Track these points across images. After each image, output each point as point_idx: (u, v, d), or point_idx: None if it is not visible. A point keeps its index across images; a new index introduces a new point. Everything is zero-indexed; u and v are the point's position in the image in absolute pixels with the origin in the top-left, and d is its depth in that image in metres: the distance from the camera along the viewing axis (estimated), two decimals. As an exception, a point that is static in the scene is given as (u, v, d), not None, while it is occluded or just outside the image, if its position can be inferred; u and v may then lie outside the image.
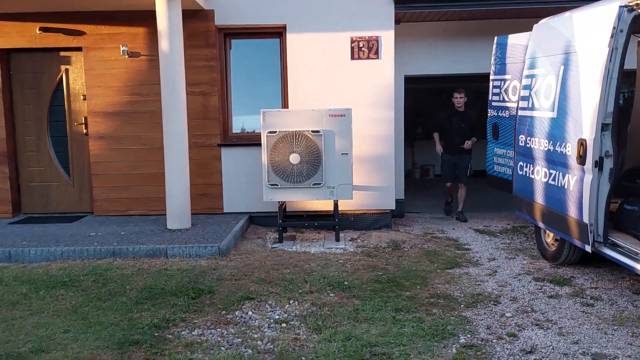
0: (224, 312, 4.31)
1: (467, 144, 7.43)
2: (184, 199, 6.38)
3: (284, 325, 4.03)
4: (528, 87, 5.52)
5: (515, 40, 6.51)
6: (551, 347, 3.55)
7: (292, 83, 6.98)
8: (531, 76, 5.51)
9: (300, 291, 4.69)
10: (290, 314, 4.25)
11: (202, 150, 7.07)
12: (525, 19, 7.09)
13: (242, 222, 6.66)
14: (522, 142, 5.59)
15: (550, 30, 5.30)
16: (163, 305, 4.43)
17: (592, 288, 4.61)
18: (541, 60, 5.35)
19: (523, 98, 5.60)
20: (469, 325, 3.93)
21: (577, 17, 4.81)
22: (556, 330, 3.81)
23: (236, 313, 4.28)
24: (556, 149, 4.85)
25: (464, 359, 3.40)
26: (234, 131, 7.33)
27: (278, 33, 7.11)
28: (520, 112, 5.68)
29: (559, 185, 4.79)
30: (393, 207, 7.11)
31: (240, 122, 7.40)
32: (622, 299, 4.33)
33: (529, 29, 6.01)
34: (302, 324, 4.04)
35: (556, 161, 4.86)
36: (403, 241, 6.27)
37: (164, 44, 6.19)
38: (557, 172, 4.84)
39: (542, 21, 5.53)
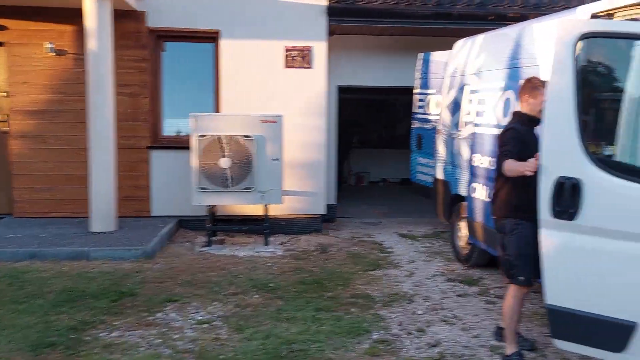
0: (145, 314, 4.30)
1: None
2: (109, 201, 6.27)
3: (205, 325, 4.09)
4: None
5: (438, 57, 6.92)
6: (454, 341, 3.83)
7: (225, 88, 7.04)
8: (476, 91, 5.30)
9: (224, 293, 4.76)
10: (213, 314, 4.30)
11: (131, 152, 6.96)
12: (449, 37, 7.51)
13: (170, 226, 6.62)
14: (473, 161, 5.28)
15: (507, 40, 4.97)
16: (82, 307, 4.36)
17: (497, 287, 4.98)
18: (495, 74, 5.11)
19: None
20: (383, 322, 4.14)
21: (539, 27, 4.49)
22: (461, 325, 4.11)
23: (158, 315, 4.28)
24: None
25: (374, 353, 3.60)
26: (164, 134, 7.28)
27: (212, 38, 7.15)
28: (475, 129, 5.31)
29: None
30: (323, 212, 7.30)
31: (171, 125, 7.36)
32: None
33: (449, 47, 6.40)
34: (224, 324, 4.11)
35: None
36: (331, 245, 6.46)
37: (92, 43, 6.09)
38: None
39: (497, 31, 5.37)
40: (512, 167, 3.33)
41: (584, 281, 2.96)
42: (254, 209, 6.77)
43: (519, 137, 3.44)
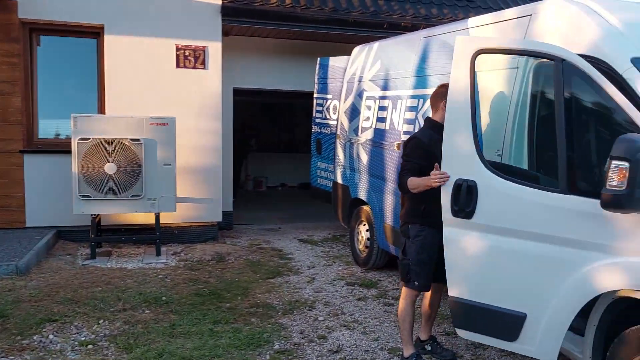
0: (18, 337, 3.82)
1: None
2: (-26, 212, 5.54)
3: (90, 347, 3.72)
4: (415, 109, 4.87)
5: (336, 62, 6.97)
6: (355, 346, 3.83)
7: (111, 88, 6.54)
8: (419, 97, 4.88)
9: (111, 310, 4.37)
10: (99, 334, 3.93)
11: (0, 157, 6.22)
12: (343, 43, 7.65)
13: (47, 238, 5.99)
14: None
15: (444, 44, 4.63)
16: (-63, 336, 3.76)
17: (394, 289, 5.09)
18: (399, 81, 4.99)
19: (408, 121, 4.92)
20: (284, 331, 4.03)
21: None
22: (361, 329, 4.12)
23: (34, 337, 3.83)
24: None
25: (276, 365, 3.48)
26: (40, 136, 6.60)
27: (95, 33, 6.62)
28: (404, 137, 4.88)
29: None
30: (220, 219, 7.04)
31: (48, 127, 6.70)
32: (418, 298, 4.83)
33: (348, 53, 6.49)
34: (111, 344, 3.76)
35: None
36: (228, 253, 6.23)
37: (-50, 33, 5.35)
38: None
39: (400, 38, 5.27)
40: (416, 183, 3.36)
41: (480, 275, 3.14)
42: (145, 218, 6.34)
43: (422, 147, 3.46)
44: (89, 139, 5.74)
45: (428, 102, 4.58)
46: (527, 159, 3.19)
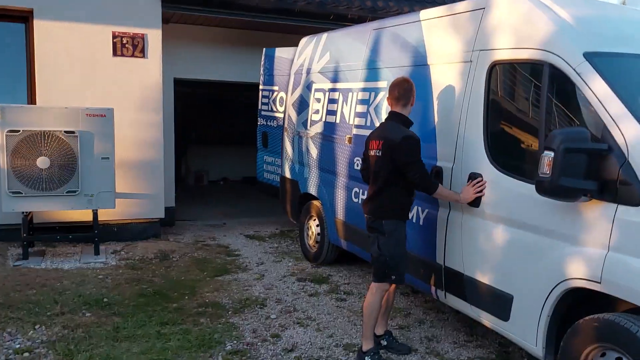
0: (-60, 350, 3.47)
1: None
2: None
3: (26, 354, 3.47)
4: (366, 102, 4.76)
5: (283, 53, 6.84)
6: (310, 343, 3.77)
7: (42, 77, 6.09)
8: (370, 89, 4.73)
9: (48, 314, 4.08)
10: (35, 340, 3.65)
11: None
12: (290, 34, 7.53)
13: (-28, 238, 5.52)
14: (357, 165, 4.73)
15: (396, 37, 4.53)
16: None
17: (345, 284, 5.07)
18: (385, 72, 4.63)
19: (360, 115, 4.84)
20: (235, 331, 3.91)
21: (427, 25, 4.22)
22: (315, 326, 4.07)
23: (-41, 349, 3.49)
24: None
25: (230, 366, 3.36)
26: (-38, 128, 6.05)
27: (23, 18, 6.14)
28: (355, 131, 4.88)
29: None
30: (162, 215, 6.75)
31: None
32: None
33: (295, 44, 6.38)
34: (49, 351, 3.51)
35: None
36: (172, 251, 5.99)
37: None
38: None
39: (355, 27, 5.16)
40: (445, 195, 3.51)
41: (480, 256, 3.41)
42: (81, 215, 5.97)
43: (419, 145, 3.46)
44: (19, 131, 5.33)
45: (380, 95, 4.58)
46: (511, 151, 3.43)
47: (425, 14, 4.21)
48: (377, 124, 4.57)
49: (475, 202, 3.41)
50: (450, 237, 3.66)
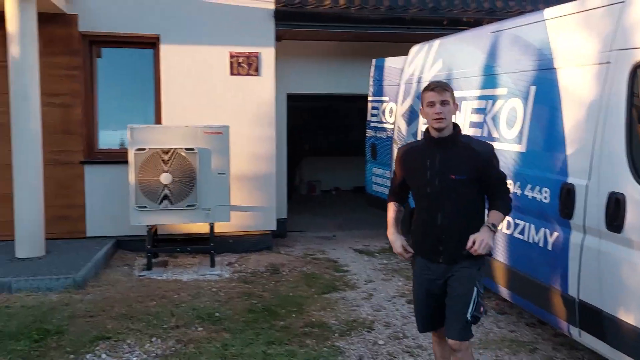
0: (72, 356, 3.78)
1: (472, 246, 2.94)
2: (36, 223, 5.64)
3: (142, 368, 3.62)
4: (482, 111, 4.45)
5: (392, 63, 6.67)
6: (420, 377, 3.52)
7: (167, 97, 6.54)
8: (487, 97, 4.41)
9: (165, 326, 4.27)
10: (151, 354, 3.83)
11: (62, 168, 6.34)
12: (400, 43, 7.31)
13: (106, 248, 6.04)
14: None
15: (515, 39, 4.18)
16: (-3, 352, 3.79)
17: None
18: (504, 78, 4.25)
19: (476, 125, 4.50)
20: (341, 356, 3.78)
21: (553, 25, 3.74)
22: (426, 357, 3.80)
23: (87, 357, 3.77)
24: (525, 193, 3.79)
25: (332, 397, 3.23)
26: (100, 147, 6.69)
27: (151, 43, 6.64)
28: None
29: (531, 241, 3.72)
30: (274, 227, 6.89)
31: (108, 138, 6.78)
32: (487, 320, 4.45)
33: (405, 53, 6.17)
34: (163, 366, 3.65)
35: (526, 209, 3.78)
36: (282, 264, 6.06)
37: (14, 50, 5.48)
38: (527, 224, 3.78)
39: (499, 26, 4.52)
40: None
41: (625, 291, 2.91)
42: (199, 227, 6.28)
43: None
44: (145, 149, 5.74)
45: (498, 103, 4.22)
46: None
47: (550, 12, 3.79)
48: (495, 134, 4.23)
49: (617, 227, 2.92)
50: (585, 266, 3.18)
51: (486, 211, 2.89)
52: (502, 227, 4.06)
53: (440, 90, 2.74)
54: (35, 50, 5.60)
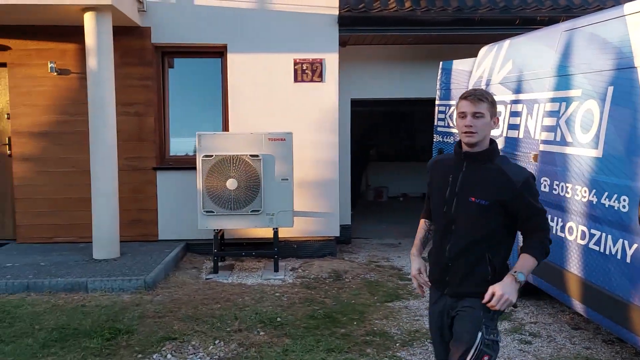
0: (140, 355, 3.92)
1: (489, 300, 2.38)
2: (112, 226, 5.95)
3: (205, 370, 3.69)
4: (555, 114, 4.22)
5: (460, 65, 6.46)
6: (484, 394, 3.33)
7: (233, 105, 6.70)
8: (560, 99, 4.17)
9: (228, 329, 4.35)
10: (214, 356, 3.90)
11: (136, 174, 6.66)
12: (468, 44, 7.09)
13: (176, 251, 6.25)
14: (545, 186, 4.24)
15: (592, 37, 3.92)
16: (73, 348, 4.00)
17: (532, 323, 4.44)
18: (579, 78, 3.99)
19: (548, 129, 4.28)
20: (402, 367, 3.68)
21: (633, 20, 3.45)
22: (490, 372, 3.60)
23: (154, 356, 3.90)
24: (602, 201, 3.56)
25: (392, 410, 3.13)
26: (171, 154, 6.96)
27: (219, 53, 6.84)
28: (542, 147, 4.32)
29: (608, 253, 3.47)
30: (338, 234, 6.85)
31: (178, 145, 7.04)
32: (560, 335, 4.17)
33: (473, 54, 5.96)
34: (224, 368, 3.70)
35: (603, 219, 3.55)
36: (345, 271, 6.00)
37: (92, 62, 5.82)
38: (604, 235, 3.53)
39: (573, 24, 4.22)
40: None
41: None
42: (264, 232, 6.37)
43: None
44: (212, 155, 5.89)
45: (573, 105, 3.97)
46: None
47: (631, 7, 3.50)
48: (569, 139, 3.98)
49: None
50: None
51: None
52: (577, 237, 3.79)
53: (474, 100, 2.34)
54: (111, 62, 5.92)
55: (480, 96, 2.35)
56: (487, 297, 2.24)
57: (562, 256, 3.96)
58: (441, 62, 6.88)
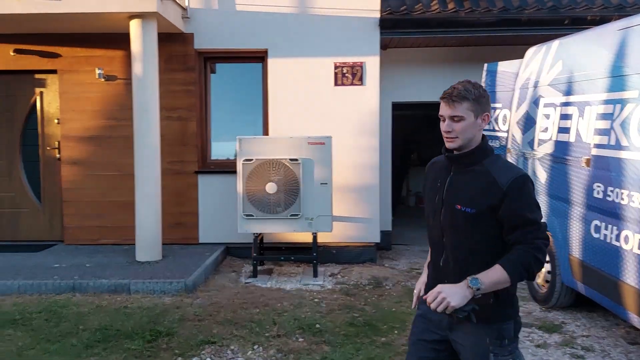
0: (180, 358, 3.93)
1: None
2: (155, 229, 6.04)
3: (244, 374, 3.67)
4: (609, 117, 3.99)
5: (506, 67, 6.25)
6: (534, 412, 3.17)
7: (274, 109, 6.70)
8: (615, 101, 3.96)
9: (267, 335, 4.31)
10: (252, 361, 3.87)
11: (179, 177, 6.75)
12: (513, 46, 6.87)
13: (216, 254, 6.29)
14: (599, 193, 4.04)
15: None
16: (115, 349, 4.06)
17: (584, 336, 4.21)
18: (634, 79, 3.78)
19: (601, 132, 4.07)
20: (444, 380, 3.53)
21: None
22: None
23: (193, 359, 3.90)
24: None
25: None
26: (212, 158, 7.03)
27: (260, 57, 6.86)
28: (595, 151, 4.11)
29: None
30: (378, 240, 6.74)
31: (220, 149, 7.10)
32: (615, 350, 3.93)
33: (519, 56, 5.76)
34: (263, 374, 3.66)
35: None
36: (386, 278, 5.89)
37: (137, 68, 5.94)
38: None
39: (628, 22, 3.95)
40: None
41: None
42: (303, 236, 6.33)
43: None
44: (252, 159, 5.90)
45: (628, 108, 3.75)
46: None
47: None
48: (624, 142, 3.76)
49: None
50: None
51: None
52: (633, 246, 3.56)
53: (449, 102, 2.04)
54: (156, 68, 6.03)
55: (457, 97, 2.03)
56: (430, 294, 1.98)
57: (617, 266, 3.74)
58: (485, 64, 6.67)
